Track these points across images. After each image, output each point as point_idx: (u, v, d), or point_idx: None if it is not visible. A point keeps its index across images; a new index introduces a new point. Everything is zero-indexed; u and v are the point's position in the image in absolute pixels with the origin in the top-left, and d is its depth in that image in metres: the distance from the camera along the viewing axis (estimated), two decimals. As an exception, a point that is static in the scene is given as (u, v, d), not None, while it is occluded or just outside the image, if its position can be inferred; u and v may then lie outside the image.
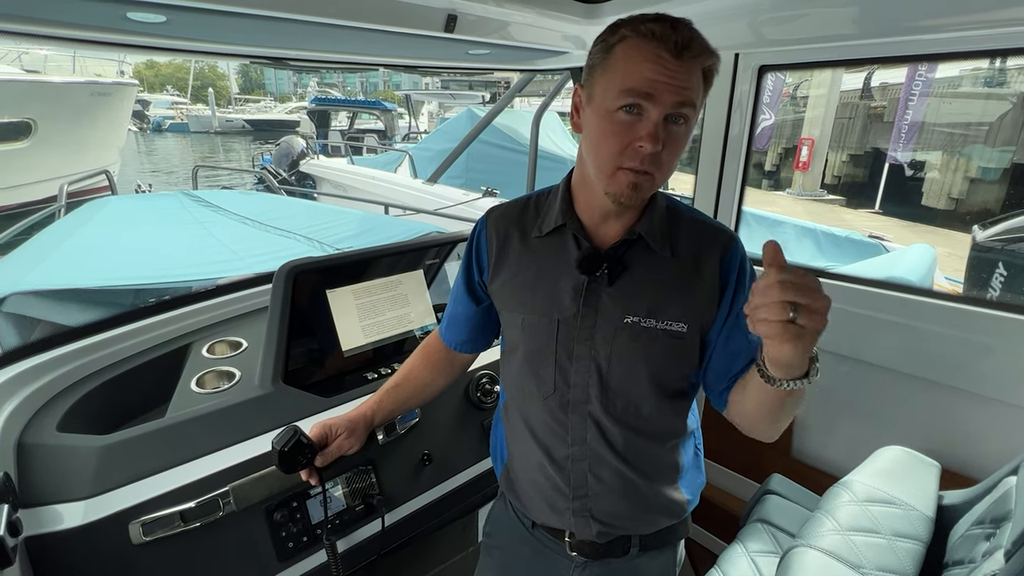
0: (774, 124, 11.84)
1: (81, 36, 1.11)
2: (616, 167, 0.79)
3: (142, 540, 0.95)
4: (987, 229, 4.11)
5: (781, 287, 0.62)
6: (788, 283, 0.62)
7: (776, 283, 0.62)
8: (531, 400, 0.96)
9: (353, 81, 43.71)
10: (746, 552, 1.32)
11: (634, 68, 0.75)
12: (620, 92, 0.76)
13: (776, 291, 0.62)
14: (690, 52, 0.74)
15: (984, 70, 11.24)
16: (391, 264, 1.51)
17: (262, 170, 9.07)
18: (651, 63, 0.74)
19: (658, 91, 0.74)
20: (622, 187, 0.80)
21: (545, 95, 4.79)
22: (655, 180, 0.81)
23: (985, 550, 0.96)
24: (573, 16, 1.46)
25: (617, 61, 0.77)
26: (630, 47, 0.76)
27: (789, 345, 0.64)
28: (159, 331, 1.45)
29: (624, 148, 0.78)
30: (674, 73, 0.74)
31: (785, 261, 0.64)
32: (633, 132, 0.77)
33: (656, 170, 0.79)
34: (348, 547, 1.18)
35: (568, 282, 0.89)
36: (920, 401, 1.51)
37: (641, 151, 0.77)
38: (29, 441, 1.05)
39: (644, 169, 0.78)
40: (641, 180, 0.79)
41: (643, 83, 0.74)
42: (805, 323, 0.62)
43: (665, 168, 0.80)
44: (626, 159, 0.78)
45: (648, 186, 0.81)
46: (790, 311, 0.62)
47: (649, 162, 0.78)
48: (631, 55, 0.76)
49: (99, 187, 6.62)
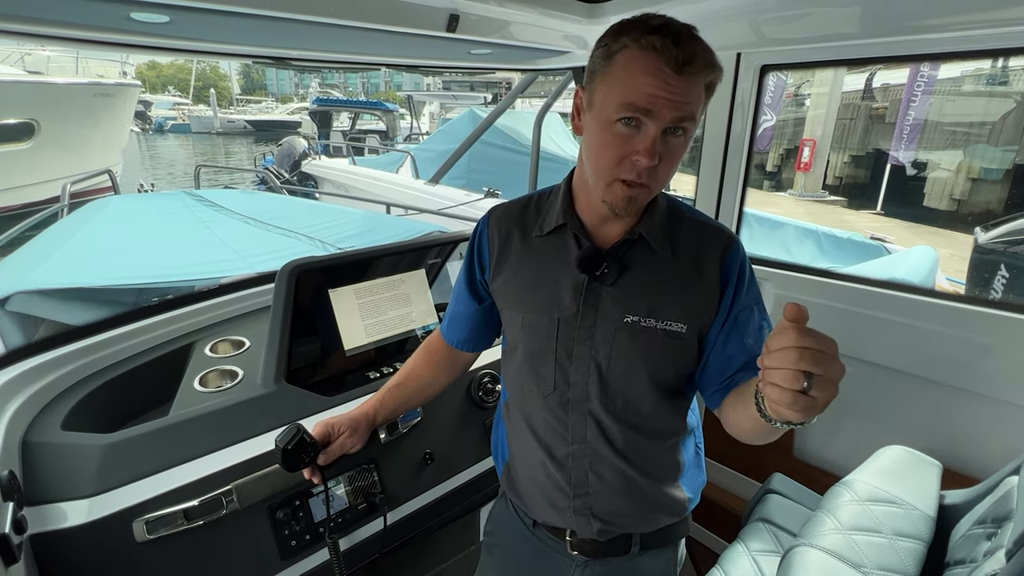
0: (775, 125, 11.84)
1: (84, 36, 1.11)
2: (613, 178, 0.80)
3: (146, 538, 0.96)
4: (989, 231, 4.10)
5: (798, 354, 0.57)
6: (806, 350, 0.57)
7: (794, 348, 0.58)
8: (531, 399, 0.96)
9: (354, 81, 43.72)
10: (747, 551, 1.32)
11: (634, 81, 0.74)
12: (619, 105, 0.75)
13: (792, 357, 0.58)
14: (691, 68, 0.73)
15: (986, 70, 11.22)
16: (393, 263, 1.51)
17: (264, 171, 9.08)
18: (651, 77, 0.73)
19: (657, 107, 0.74)
20: (617, 199, 0.81)
21: (547, 96, 4.79)
22: (651, 191, 0.82)
23: (986, 550, 0.96)
24: (575, 16, 1.47)
25: (618, 70, 0.76)
26: (631, 58, 0.75)
27: (795, 413, 0.60)
28: (162, 330, 1.45)
29: (621, 160, 0.78)
30: (675, 89, 0.73)
31: (806, 322, 0.59)
32: (630, 145, 0.77)
33: (652, 182, 0.80)
34: (350, 546, 1.19)
35: (568, 281, 0.90)
36: (922, 401, 1.51)
37: (638, 165, 0.77)
38: (34, 439, 1.06)
39: (640, 182, 0.79)
40: (636, 193, 0.80)
41: (642, 98, 0.74)
42: (817, 395, 0.58)
43: (661, 180, 0.81)
44: (623, 171, 0.78)
45: (643, 198, 0.82)
46: (804, 381, 0.58)
47: (646, 176, 0.78)
48: (631, 67, 0.75)
49: (102, 187, 6.64)
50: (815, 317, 0.60)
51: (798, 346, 0.58)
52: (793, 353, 0.58)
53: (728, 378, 0.88)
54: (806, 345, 0.57)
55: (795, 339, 0.58)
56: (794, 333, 0.58)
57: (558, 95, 4.70)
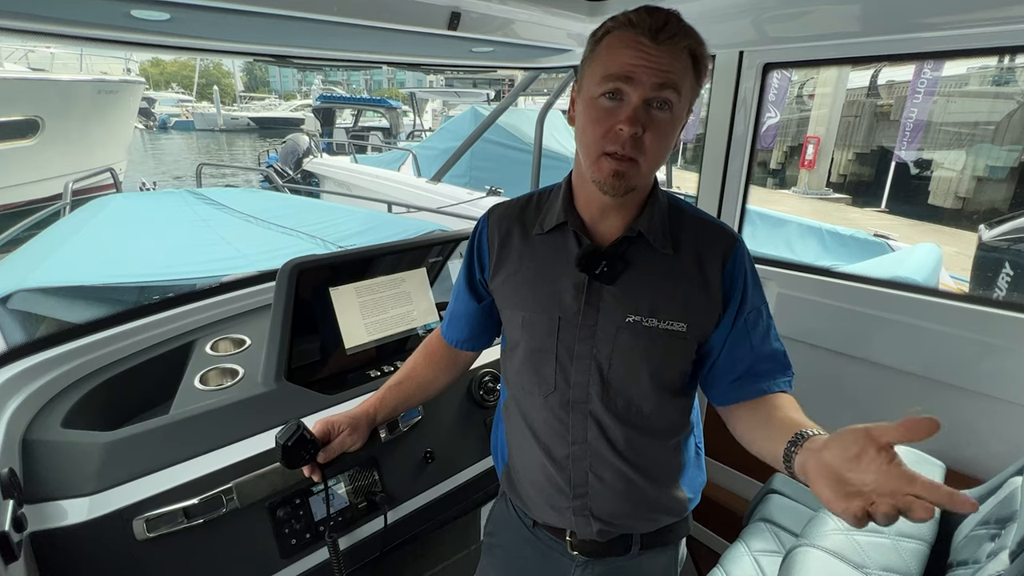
0: (779, 122, 11.80)
1: (85, 34, 1.11)
2: (600, 152, 0.80)
3: (146, 536, 0.96)
4: (994, 228, 4.09)
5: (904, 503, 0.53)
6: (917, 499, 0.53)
7: (909, 498, 0.53)
8: (531, 398, 0.96)
9: (358, 79, 43.74)
10: (749, 551, 1.31)
11: (614, 55, 0.77)
12: (601, 79, 0.78)
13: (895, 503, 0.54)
14: (665, 33, 0.75)
15: (992, 68, 11.16)
16: (394, 262, 1.51)
17: (268, 168, 9.09)
18: (630, 49, 0.76)
19: (636, 74, 0.75)
20: (605, 174, 0.80)
21: (550, 93, 4.78)
22: (639, 168, 0.80)
23: (990, 551, 0.96)
24: (576, 14, 1.46)
25: (601, 51, 0.80)
26: (612, 37, 0.79)
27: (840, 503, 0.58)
28: (163, 328, 1.46)
29: (606, 132, 0.79)
30: (654, 57, 0.75)
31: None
32: (614, 116, 0.78)
33: (639, 155, 0.79)
34: (350, 544, 1.18)
35: (569, 280, 0.89)
36: (925, 400, 1.50)
37: (621, 134, 0.77)
38: (34, 437, 1.06)
39: (626, 154, 0.78)
40: (624, 167, 0.79)
41: (621, 68, 0.76)
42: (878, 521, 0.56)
43: (650, 155, 0.79)
44: (608, 143, 0.79)
45: (632, 173, 0.80)
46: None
47: (631, 146, 0.78)
48: (612, 43, 0.78)
49: (104, 185, 6.66)
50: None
51: (913, 494, 0.54)
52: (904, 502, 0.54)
53: (732, 379, 0.89)
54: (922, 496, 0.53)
55: (925, 489, 0.54)
56: (926, 487, 0.53)
57: (560, 93, 4.68)
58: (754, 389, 0.88)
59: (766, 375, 0.89)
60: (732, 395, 0.91)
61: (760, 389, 0.88)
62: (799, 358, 0.98)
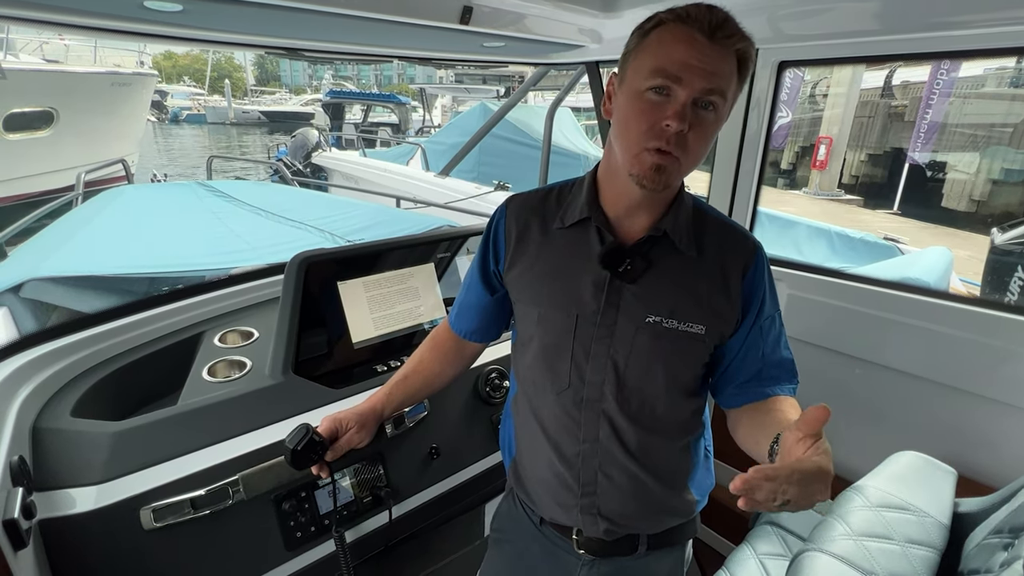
0: (791, 122, 11.69)
1: (99, 24, 1.11)
2: (642, 147, 0.78)
3: (152, 526, 0.96)
4: (1006, 232, 4.03)
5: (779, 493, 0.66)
6: (790, 488, 0.66)
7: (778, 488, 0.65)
8: (543, 394, 0.95)
9: (367, 74, 43.81)
10: (754, 554, 1.30)
11: (666, 49, 0.75)
12: (651, 72, 0.76)
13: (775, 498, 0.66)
14: (723, 32, 0.74)
15: (1009, 69, 10.99)
16: (402, 257, 1.51)
17: (278, 162, 9.13)
18: (684, 44, 0.74)
19: (687, 75, 0.74)
20: (646, 168, 0.78)
21: (559, 90, 4.76)
22: (680, 165, 0.79)
23: (1003, 560, 0.94)
24: (590, 9, 1.44)
25: (651, 44, 0.78)
26: (664, 30, 0.77)
27: None
28: (172, 319, 1.46)
29: (651, 127, 0.77)
30: (706, 56, 0.74)
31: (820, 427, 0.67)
32: (660, 112, 0.76)
33: (682, 153, 0.78)
34: (355, 538, 1.19)
35: (589, 277, 0.88)
36: (936, 406, 1.48)
37: (667, 130, 0.75)
38: (44, 426, 1.07)
39: (669, 151, 0.77)
40: (666, 162, 0.78)
41: (673, 65, 0.74)
42: (792, 510, 0.68)
43: (692, 153, 0.79)
44: (652, 138, 0.77)
45: (673, 169, 0.79)
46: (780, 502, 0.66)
47: (675, 143, 0.76)
48: (664, 37, 0.76)
49: (116, 176, 6.72)
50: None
51: (781, 487, 0.65)
52: (776, 494, 0.65)
53: (740, 382, 0.91)
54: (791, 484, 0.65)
55: (785, 477, 0.65)
56: (785, 472, 0.65)
57: (570, 88, 4.66)
58: (758, 393, 0.90)
59: (771, 381, 0.90)
60: (738, 398, 0.92)
61: (764, 393, 0.90)
62: (809, 360, 0.98)
